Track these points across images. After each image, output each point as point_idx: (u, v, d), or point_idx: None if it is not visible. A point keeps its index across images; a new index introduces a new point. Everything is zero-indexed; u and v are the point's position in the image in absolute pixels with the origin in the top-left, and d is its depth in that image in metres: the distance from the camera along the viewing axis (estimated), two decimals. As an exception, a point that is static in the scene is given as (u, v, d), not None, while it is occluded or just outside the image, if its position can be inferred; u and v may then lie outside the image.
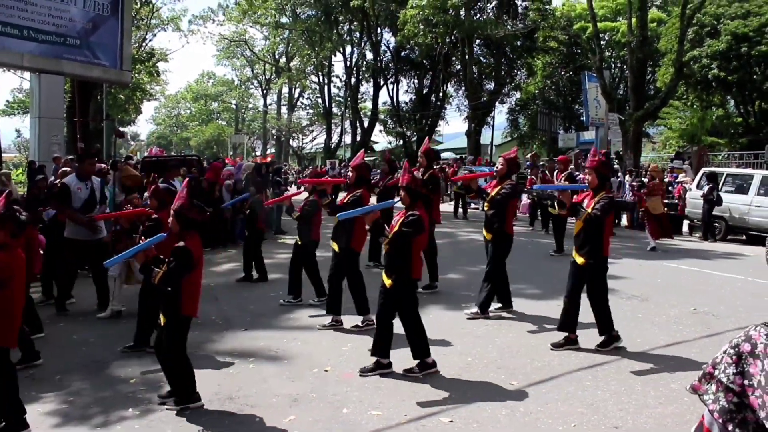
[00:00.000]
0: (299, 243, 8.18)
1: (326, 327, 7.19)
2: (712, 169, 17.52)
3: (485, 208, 7.79)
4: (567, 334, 6.37)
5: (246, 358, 6.16)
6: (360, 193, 7.30)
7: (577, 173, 15.37)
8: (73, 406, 5.07)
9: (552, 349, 6.26)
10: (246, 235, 10.48)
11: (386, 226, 5.74)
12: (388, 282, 5.52)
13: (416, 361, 5.60)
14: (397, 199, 6.34)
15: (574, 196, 6.48)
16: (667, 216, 14.89)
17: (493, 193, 7.61)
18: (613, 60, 37.41)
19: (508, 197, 7.52)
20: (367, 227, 6.21)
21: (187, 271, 4.70)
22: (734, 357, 1.46)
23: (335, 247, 7.25)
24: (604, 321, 6.32)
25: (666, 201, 15.70)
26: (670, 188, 17.85)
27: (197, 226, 4.86)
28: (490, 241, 7.66)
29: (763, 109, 28.83)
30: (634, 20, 24.17)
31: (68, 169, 11.18)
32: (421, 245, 5.71)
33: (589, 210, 6.05)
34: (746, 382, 1.43)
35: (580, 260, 6.21)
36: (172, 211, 4.80)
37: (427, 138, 16.64)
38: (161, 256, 4.87)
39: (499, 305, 7.76)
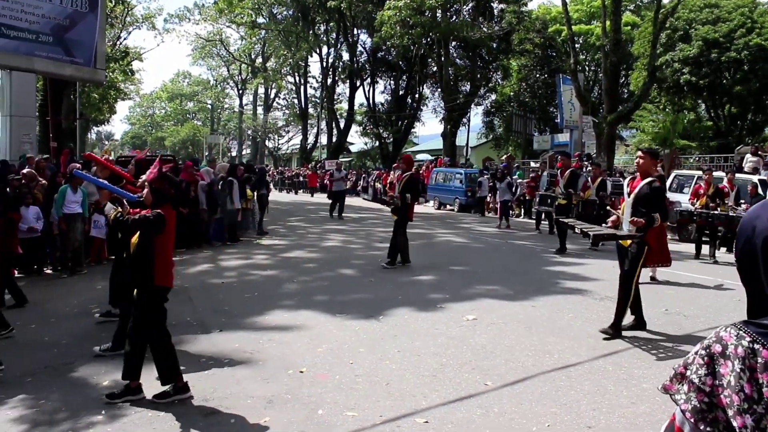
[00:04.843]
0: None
1: None
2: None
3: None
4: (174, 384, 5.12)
5: (220, 359, 6.12)
6: None
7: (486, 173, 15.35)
8: (40, 410, 4.97)
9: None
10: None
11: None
12: None
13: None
14: None
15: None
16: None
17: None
18: (587, 63, 37.85)
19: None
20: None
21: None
22: (706, 358, 1.48)
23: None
24: (166, 367, 5.10)
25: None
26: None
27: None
28: None
29: (732, 113, 29.36)
30: (608, 23, 24.44)
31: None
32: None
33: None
34: (717, 382, 1.44)
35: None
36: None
37: (143, 151, 15.80)
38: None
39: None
